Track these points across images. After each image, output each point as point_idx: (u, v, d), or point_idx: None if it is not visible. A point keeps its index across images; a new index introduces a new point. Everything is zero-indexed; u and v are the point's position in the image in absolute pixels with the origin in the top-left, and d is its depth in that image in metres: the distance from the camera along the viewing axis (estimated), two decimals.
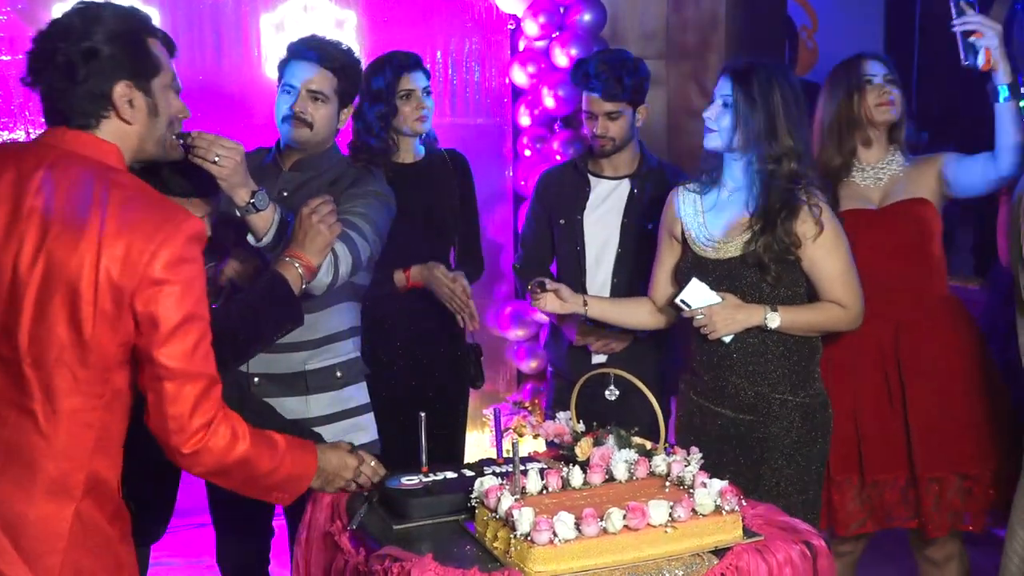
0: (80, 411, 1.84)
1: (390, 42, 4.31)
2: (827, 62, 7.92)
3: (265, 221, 2.51)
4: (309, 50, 2.89)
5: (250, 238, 2.55)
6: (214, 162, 2.34)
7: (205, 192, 2.46)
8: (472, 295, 3.32)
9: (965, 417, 3.04)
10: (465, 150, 3.68)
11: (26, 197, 1.84)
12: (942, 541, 3.13)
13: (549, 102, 4.50)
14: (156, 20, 4.01)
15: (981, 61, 2.87)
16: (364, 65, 4.36)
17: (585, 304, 3.06)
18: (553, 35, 4.57)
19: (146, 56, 1.98)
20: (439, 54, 4.61)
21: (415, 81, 3.39)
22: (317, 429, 2.82)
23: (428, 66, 3.54)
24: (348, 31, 4.39)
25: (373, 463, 2.44)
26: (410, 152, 3.48)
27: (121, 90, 1.93)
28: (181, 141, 2.22)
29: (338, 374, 2.91)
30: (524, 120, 4.67)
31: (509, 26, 4.72)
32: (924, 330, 3.06)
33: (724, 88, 2.84)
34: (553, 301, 3.02)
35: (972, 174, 3.03)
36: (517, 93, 4.74)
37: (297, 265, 2.44)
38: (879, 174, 3.10)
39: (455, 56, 4.67)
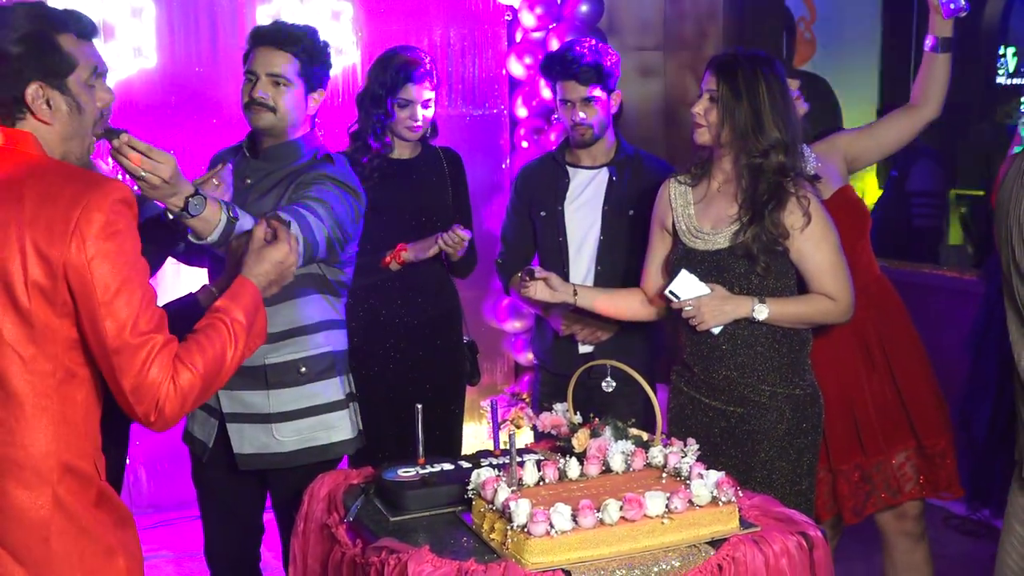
0: (34, 393, 1.83)
1: (387, 33, 4.31)
2: (825, 53, 7.93)
3: (207, 223, 2.36)
4: (269, 35, 2.85)
5: (191, 237, 2.42)
6: (141, 177, 2.23)
7: None
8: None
9: (925, 389, 3.17)
10: (462, 141, 3.69)
11: None
12: (918, 515, 3.21)
13: (546, 93, 4.49)
14: (151, 11, 4.09)
15: (967, 5, 3.05)
16: (362, 57, 4.38)
17: (575, 294, 3.06)
18: (550, 26, 4.56)
19: (56, 54, 1.93)
20: (436, 45, 4.60)
21: (416, 93, 3.38)
22: (278, 425, 2.82)
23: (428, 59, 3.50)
24: (344, 22, 4.38)
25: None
26: (406, 148, 3.49)
27: (32, 92, 1.90)
28: (107, 140, 2.14)
29: (302, 369, 2.84)
30: (521, 111, 4.66)
31: (506, 17, 4.72)
32: (883, 308, 3.14)
33: (710, 82, 2.84)
34: (543, 290, 3.02)
35: (897, 131, 3.22)
36: (514, 84, 4.73)
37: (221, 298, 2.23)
38: (809, 168, 3.12)
39: (452, 47, 4.66)
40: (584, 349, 3.44)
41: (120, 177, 2.48)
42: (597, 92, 3.34)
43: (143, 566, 1.97)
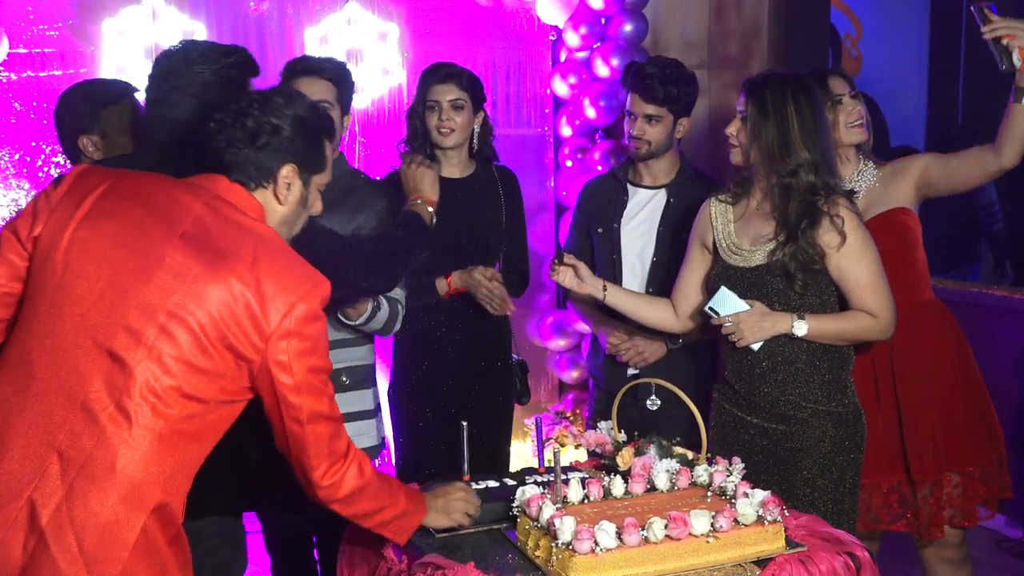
0: (169, 433, 1.91)
1: (433, 54, 4.35)
2: (871, 70, 7.87)
3: (357, 312, 2.83)
4: (311, 66, 3.00)
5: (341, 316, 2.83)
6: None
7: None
8: (514, 306, 3.34)
9: (958, 415, 3.10)
10: (507, 161, 3.69)
11: (181, 223, 1.96)
12: (958, 543, 3.14)
13: (590, 112, 4.51)
14: (202, 34, 4.18)
15: (1017, 62, 2.87)
16: (408, 77, 4.44)
17: (604, 289, 3.07)
18: (594, 46, 4.57)
19: (319, 152, 2.15)
20: (481, 65, 4.64)
21: (441, 93, 3.36)
22: None
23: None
24: (391, 43, 4.43)
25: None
26: (457, 167, 3.45)
27: (287, 171, 2.08)
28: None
29: (344, 379, 2.93)
30: (565, 131, 4.68)
31: (550, 37, 4.74)
32: (913, 335, 3.07)
33: (741, 102, 2.86)
34: (571, 279, 3.05)
35: (968, 171, 3.09)
36: (558, 104, 4.75)
37: (420, 202, 2.86)
38: (855, 187, 3.10)
39: (497, 67, 4.69)
40: (632, 370, 3.43)
41: None
42: (660, 113, 3.34)
43: None
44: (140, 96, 3.43)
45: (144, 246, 1.94)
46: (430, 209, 2.88)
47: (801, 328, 2.79)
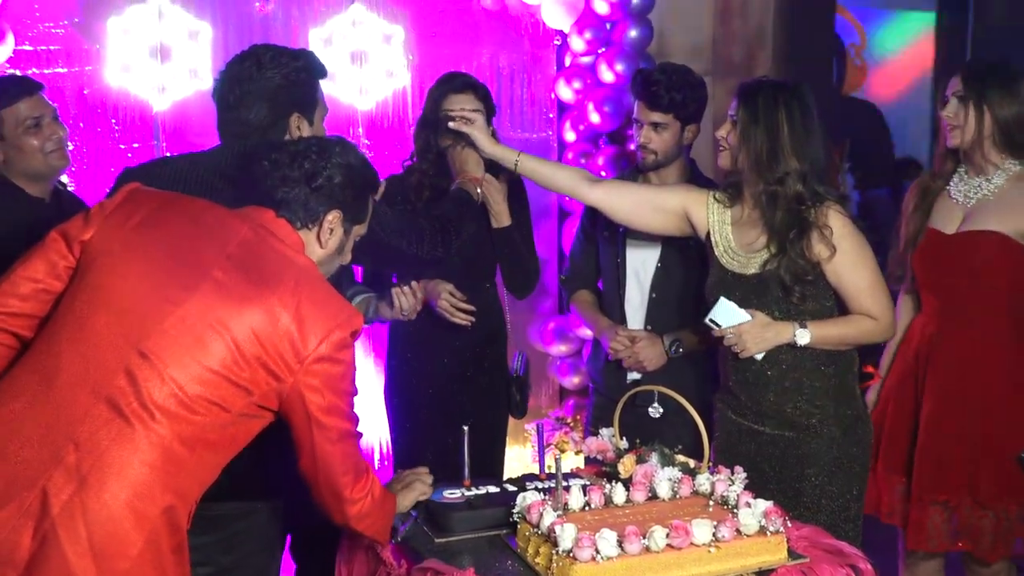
0: (190, 437, 1.94)
1: (437, 57, 4.34)
2: (875, 80, 7.86)
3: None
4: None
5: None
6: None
7: None
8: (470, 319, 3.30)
9: (938, 445, 3.06)
10: None
11: (228, 243, 2.05)
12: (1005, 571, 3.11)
13: (595, 118, 4.50)
14: (207, 36, 4.16)
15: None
16: (413, 80, 4.43)
17: (516, 162, 3.13)
18: (599, 51, 4.56)
19: (364, 204, 2.28)
20: (486, 69, 4.63)
21: (458, 103, 3.30)
22: None
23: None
24: (396, 46, 4.42)
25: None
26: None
27: (332, 217, 2.18)
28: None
29: None
30: (569, 136, 4.67)
31: (555, 42, 4.73)
32: (963, 354, 3.04)
33: (733, 106, 2.85)
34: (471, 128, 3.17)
35: None
36: (563, 108, 4.74)
37: (467, 181, 3.14)
38: (970, 192, 3.03)
39: (501, 71, 4.68)
40: (632, 376, 3.41)
41: None
42: (666, 120, 3.31)
43: None
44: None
45: (192, 260, 2.00)
46: (475, 187, 3.16)
47: (804, 337, 2.78)
